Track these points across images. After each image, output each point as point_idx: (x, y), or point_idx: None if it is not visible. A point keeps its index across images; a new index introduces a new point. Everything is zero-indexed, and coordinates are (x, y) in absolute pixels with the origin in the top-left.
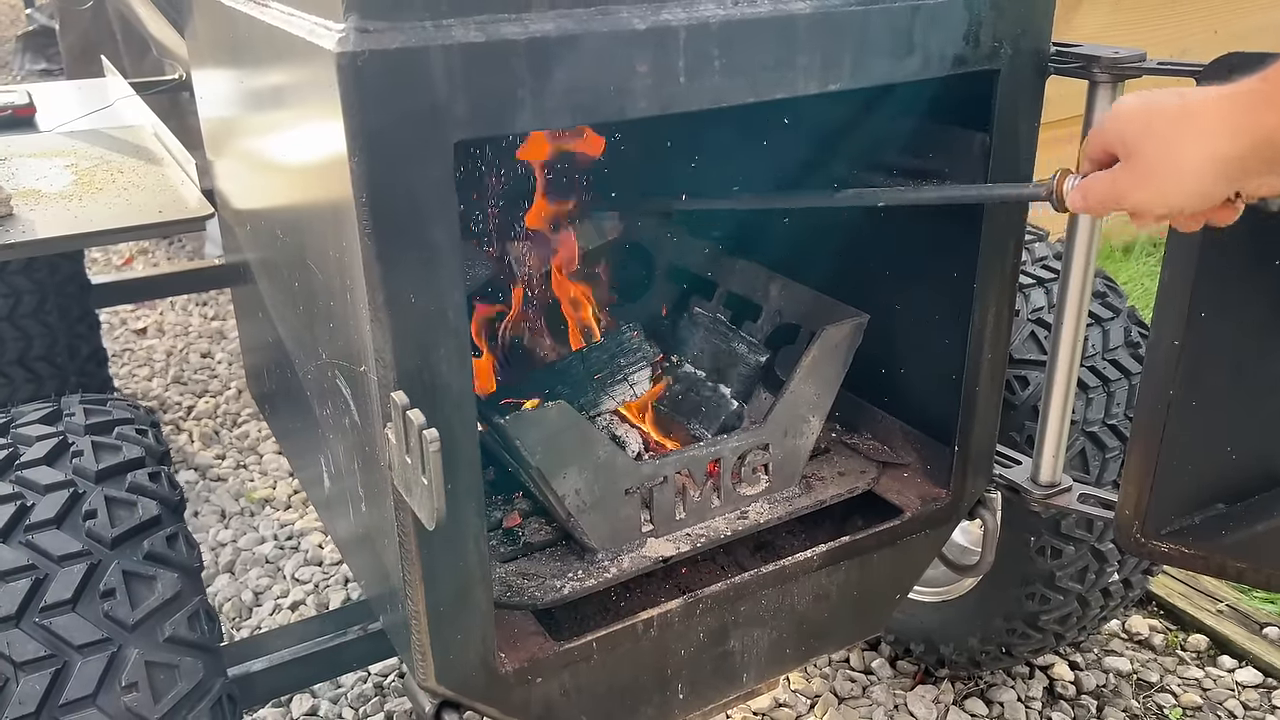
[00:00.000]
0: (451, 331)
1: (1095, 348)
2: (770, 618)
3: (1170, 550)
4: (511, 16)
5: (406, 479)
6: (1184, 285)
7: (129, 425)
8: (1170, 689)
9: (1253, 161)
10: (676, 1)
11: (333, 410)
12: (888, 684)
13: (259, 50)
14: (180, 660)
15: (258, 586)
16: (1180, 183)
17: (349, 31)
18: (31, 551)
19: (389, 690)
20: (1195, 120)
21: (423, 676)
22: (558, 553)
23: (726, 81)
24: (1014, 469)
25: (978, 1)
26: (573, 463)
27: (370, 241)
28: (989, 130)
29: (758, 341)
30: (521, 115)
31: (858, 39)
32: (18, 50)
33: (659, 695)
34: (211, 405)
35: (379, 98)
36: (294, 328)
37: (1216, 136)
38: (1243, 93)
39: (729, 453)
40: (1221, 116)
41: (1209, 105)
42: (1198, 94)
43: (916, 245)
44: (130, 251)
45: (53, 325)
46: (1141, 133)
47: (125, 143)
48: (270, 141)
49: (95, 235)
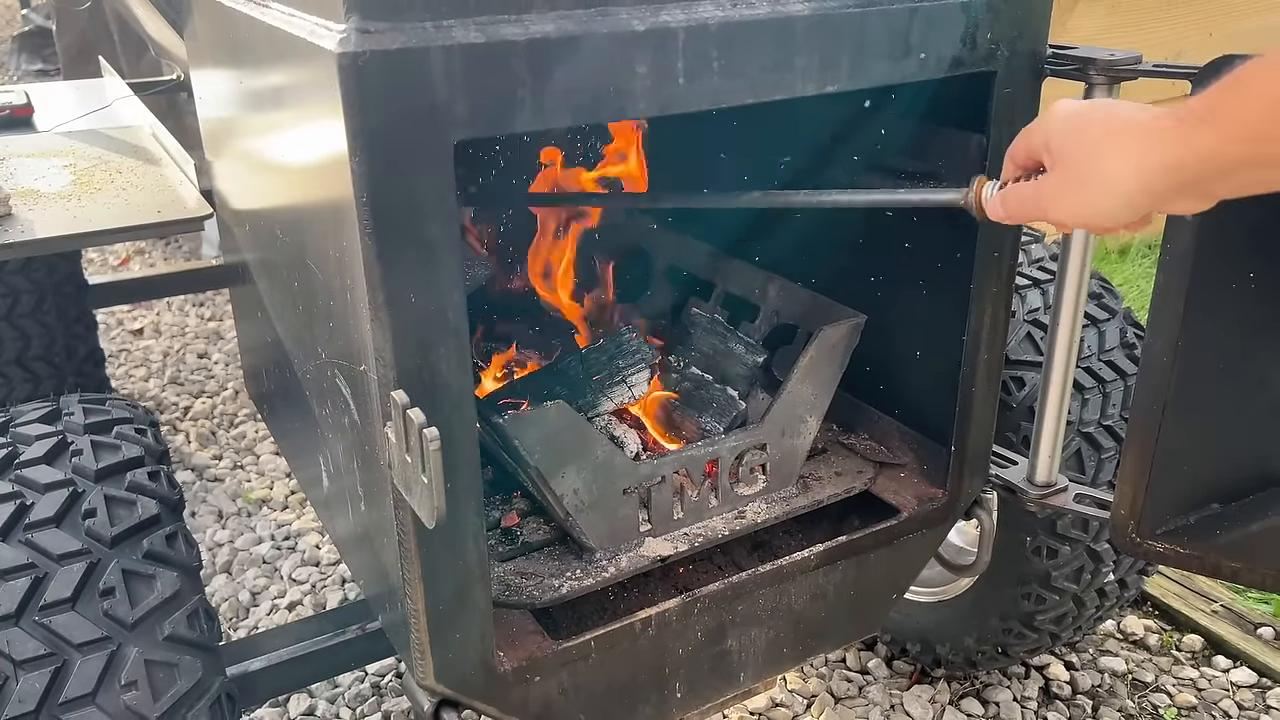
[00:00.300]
0: (451, 331)
1: (1091, 349)
2: (767, 617)
3: (1165, 550)
4: (512, 17)
5: (406, 478)
6: (1179, 288)
7: (128, 424)
8: (1165, 689)
9: (1180, 180)
10: (676, 3)
11: (332, 410)
12: (884, 684)
13: (259, 51)
14: (179, 659)
15: (255, 587)
16: (1106, 197)
17: (350, 32)
18: (31, 550)
19: (386, 690)
20: (1129, 134)
21: (422, 675)
22: (556, 552)
23: (725, 83)
24: (1010, 469)
25: (975, 4)
26: (571, 462)
27: (371, 241)
28: (985, 132)
29: (755, 342)
30: (521, 115)
31: (855, 41)
32: (13, 51)
33: (657, 694)
34: (208, 406)
35: (380, 98)
36: (293, 327)
37: (1149, 153)
38: (1180, 111)
39: (727, 453)
40: (1156, 132)
41: (1144, 120)
42: (1132, 107)
43: (914, 246)
44: (127, 252)
45: (50, 325)
46: (1071, 141)
47: (123, 143)
48: (270, 142)
49: (94, 235)
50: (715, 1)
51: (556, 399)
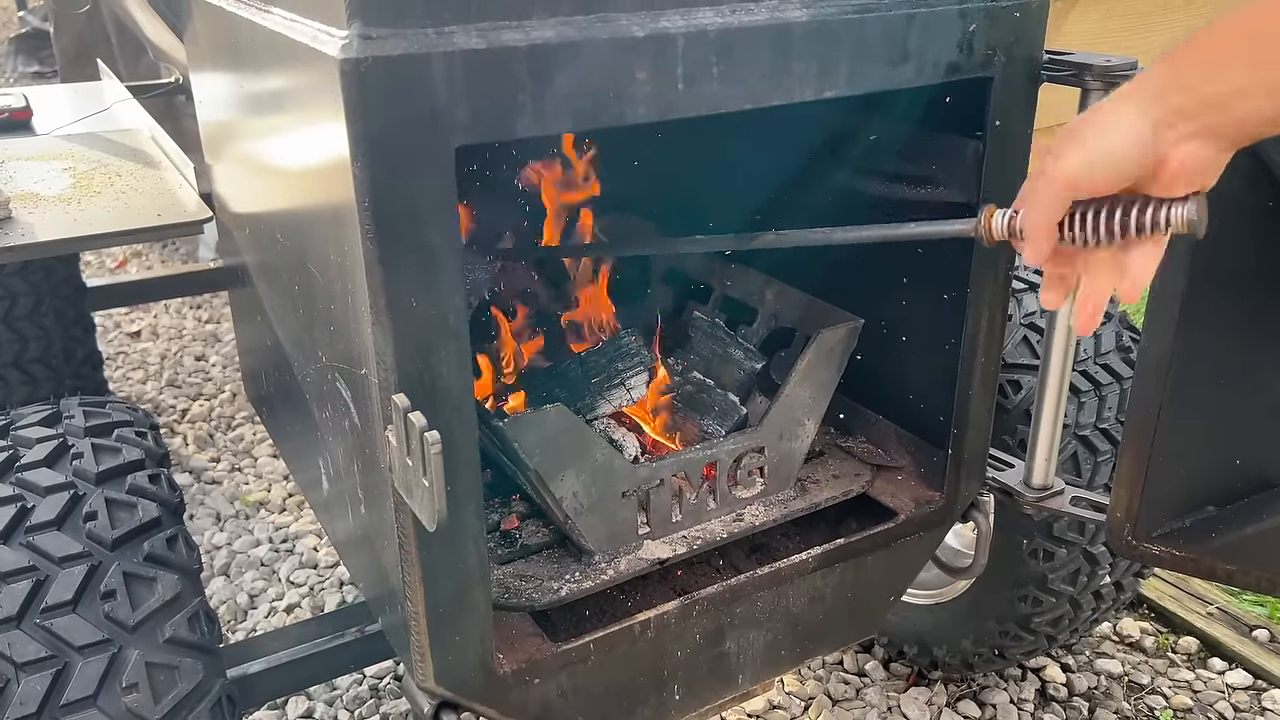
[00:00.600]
0: (452, 334)
1: (1087, 352)
2: (766, 619)
3: (1161, 553)
4: (513, 23)
5: (407, 481)
6: (1174, 292)
7: (128, 427)
8: (1161, 691)
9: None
10: (675, 9)
11: (332, 413)
12: (881, 686)
13: (260, 55)
14: (180, 661)
15: (253, 589)
16: (1107, 135)
17: (352, 38)
18: (32, 553)
19: (384, 692)
20: (1120, 93)
21: (422, 677)
22: (555, 555)
23: (724, 88)
24: (1007, 472)
25: (972, 10)
26: (570, 465)
27: (372, 245)
28: (983, 137)
29: (754, 348)
30: (522, 121)
31: (853, 46)
32: (9, 53)
33: (655, 696)
34: (206, 408)
35: (382, 103)
36: (293, 330)
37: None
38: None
39: (725, 455)
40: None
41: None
42: None
43: (911, 250)
44: (124, 254)
45: (48, 328)
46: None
47: (122, 146)
48: (271, 146)
49: (95, 238)
50: (714, 8)
51: (556, 401)
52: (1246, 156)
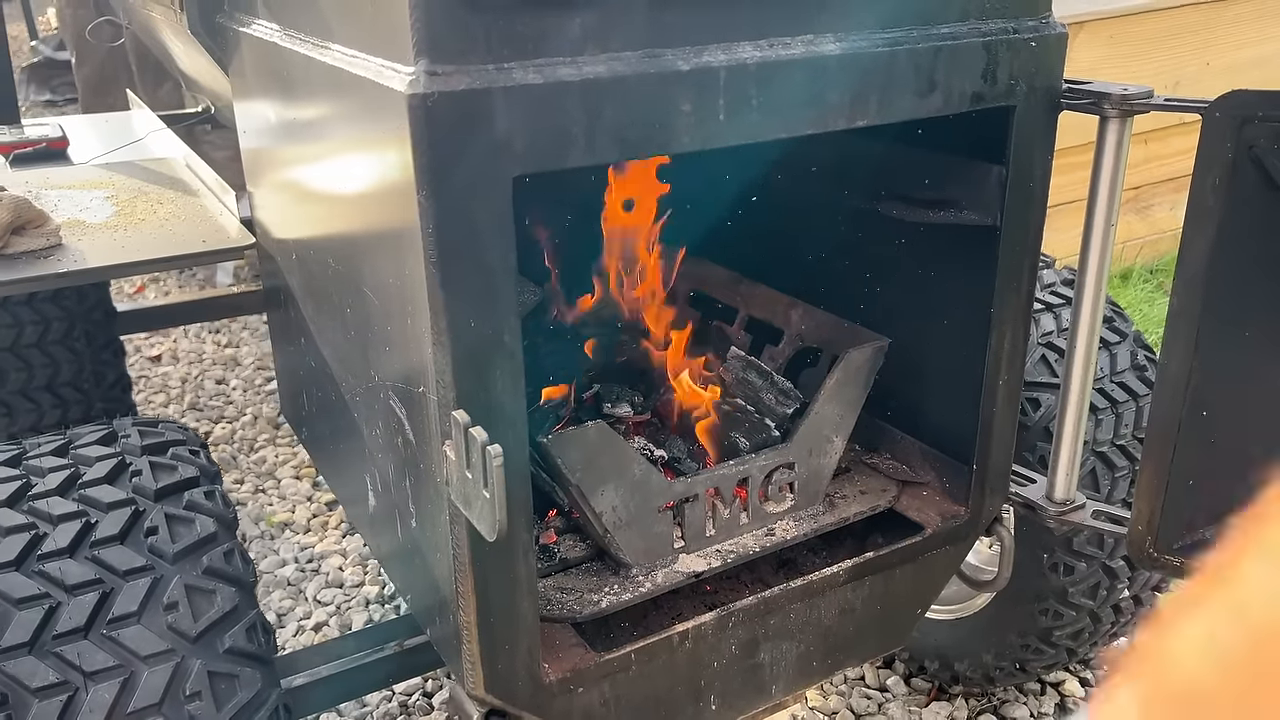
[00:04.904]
0: (507, 354)
1: (1104, 371)
2: (798, 631)
3: (1182, 564)
4: (566, 60)
5: (466, 493)
6: (1192, 310)
7: (181, 446)
8: None
9: None
10: (717, 44)
11: (383, 430)
12: (903, 701)
13: (316, 89)
14: (240, 670)
15: (280, 609)
16: None
17: (419, 74)
18: (98, 566)
19: (414, 709)
20: None
21: (472, 685)
22: (593, 568)
23: (763, 118)
24: (1029, 487)
25: (995, 42)
26: (610, 481)
27: (435, 269)
28: (1005, 163)
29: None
30: (574, 151)
31: (884, 78)
32: (22, 82)
33: (692, 706)
34: (228, 431)
35: (446, 136)
36: (342, 351)
37: None
38: None
39: (756, 471)
40: None
41: None
42: None
43: (934, 272)
44: (142, 280)
45: (79, 352)
46: None
47: (159, 174)
48: (325, 174)
49: (145, 264)
50: (754, 42)
51: None
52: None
